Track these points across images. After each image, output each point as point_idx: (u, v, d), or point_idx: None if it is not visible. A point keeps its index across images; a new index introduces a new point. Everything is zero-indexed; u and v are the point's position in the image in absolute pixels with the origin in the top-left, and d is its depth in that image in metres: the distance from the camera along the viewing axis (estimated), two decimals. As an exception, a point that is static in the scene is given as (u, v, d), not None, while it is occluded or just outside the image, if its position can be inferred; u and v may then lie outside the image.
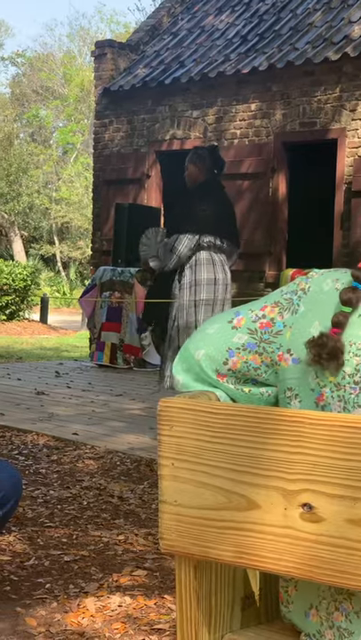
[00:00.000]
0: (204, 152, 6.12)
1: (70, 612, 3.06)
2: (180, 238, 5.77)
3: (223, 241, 5.89)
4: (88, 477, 5.00)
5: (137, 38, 12.84)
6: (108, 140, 12.36)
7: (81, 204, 31.42)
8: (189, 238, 5.76)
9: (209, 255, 5.82)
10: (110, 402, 7.64)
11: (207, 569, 1.71)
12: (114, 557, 3.67)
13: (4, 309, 18.00)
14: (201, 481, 1.60)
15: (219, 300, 5.86)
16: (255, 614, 1.84)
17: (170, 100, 11.52)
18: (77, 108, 34.64)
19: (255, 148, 10.55)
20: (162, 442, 1.64)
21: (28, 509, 4.31)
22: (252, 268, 10.54)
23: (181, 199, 6.09)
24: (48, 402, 7.52)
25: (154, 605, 3.13)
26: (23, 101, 37.33)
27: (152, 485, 4.81)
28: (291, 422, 1.51)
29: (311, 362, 1.60)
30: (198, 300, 5.82)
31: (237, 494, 1.56)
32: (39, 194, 32.70)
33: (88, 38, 37.10)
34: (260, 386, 1.73)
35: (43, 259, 33.78)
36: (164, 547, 1.67)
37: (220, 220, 5.89)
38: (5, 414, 6.78)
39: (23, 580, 3.37)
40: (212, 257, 5.84)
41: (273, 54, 10.56)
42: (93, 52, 12.82)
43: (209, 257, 5.82)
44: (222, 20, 12.10)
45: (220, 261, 5.89)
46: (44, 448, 5.75)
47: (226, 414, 1.57)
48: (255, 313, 1.73)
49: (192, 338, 1.78)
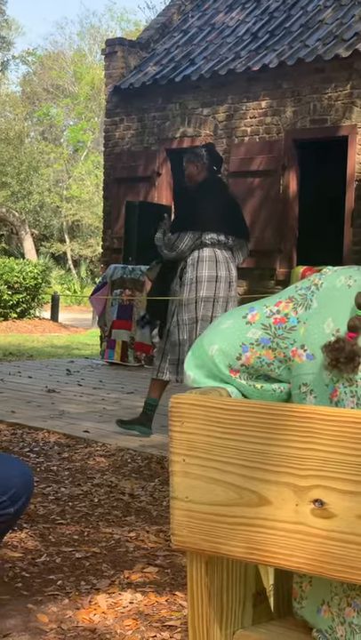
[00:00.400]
0: (201, 151, 6.11)
1: (82, 608, 3.07)
2: (180, 236, 5.80)
3: (228, 237, 5.89)
4: (99, 475, 5.01)
5: (147, 36, 12.84)
6: (118, 137, 12.36)
7: (91, 202, 31.45)
8: (190, 237, 5.78)
9: (212, 252, 5.84)
10: (121, 399, 7.65)
11: (219, 565, 1.71)
12: (125, 554, 3.68)
13: (15, 307, 18.03)
14: (212, 477, 1.60)
15: (220, 297, 5.86)
16: (267, 611, 1.84)
17: (180, 97, 11.52)
18: (88, 106, 34.67)
19: (266, 146, 10.54)
20: (173, 438, 1.64)
21: (40, 506, 4.32)
22: (263, 266, 10.53)
23: (183, 199, 6.09)
24: (59, 399, 7.53)
25: (165, 602, 3.14)
26: (34, 100, 37.40)
27: (163, 483, 4.81)
28: (301, 418, 1.50)
29: (329, 366, 1.60)
30: (199, 297, 5.83)
31: (248, 490, 1.56)
32: (50, 192, 32.75)
33: (98, 36, 37.14)
34: (272, 382, 1.73)
35: (53, 257, 33.83)
36: (176, 543, 1.67)
37: (224, 216, 5.89)
38: (17, 412, 6.80)
39: (35, 577, 3.38)
40: (216, 254, 5.85)
41: (283, 51, 10.55)
42: (104, 50, 12.83)
43: (212, 254, 5.83)
44: (233, 18, 12.09)
45: (225, 258, 5.89)
46: (56, 445, 5.76)
47: (237, 410, 1.57)
48: (269, 308, 1.73)
49: (205, 333, 1.78)
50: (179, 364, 5.86)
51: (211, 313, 5.84)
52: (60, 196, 33.10)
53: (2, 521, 2.80)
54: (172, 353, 5.91)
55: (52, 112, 35.86)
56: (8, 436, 6.02)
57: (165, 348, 5.95)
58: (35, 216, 32.91)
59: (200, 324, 5.81)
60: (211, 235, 5.82)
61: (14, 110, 35.72)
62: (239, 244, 6.02)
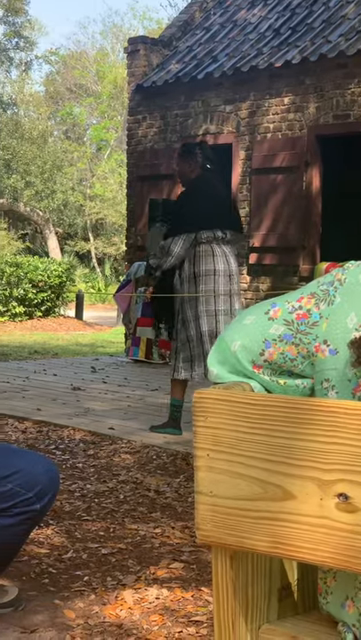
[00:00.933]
0: (193, 148, 6.12)
1: (108, 604, 3.08)
2: (174, 240, 5.84)
3: (225, 232, 5.93)
4: (124, 471, 5.03)
5: (169, 34, 12.84)
6: (141, 136, 12.38)
7: (115, 200, 31.51)
8: (184, 239, 5.82)
9: (208, 247, 5.87)
10: (146, 397, 7.66)
11: (243, 559, 1.72)
12: (151, 550, 3.69)
13: (40, 306, 18.10)
14: (236, 471, 1.61)
15: (221, 290, 5.89)
16: (292, 605, 1.85)
17: (203, 95, 11.52)
18: (111, 105, 34.73)
19: (289, 142, 10.52)
20: (197, 433, 1.65)
21: (66, 503, 4.34)
22: (286, 262, 10.52)
23: (176, 202, 6.11)
24: (84, 397, 7.56)
25: (191, 597, 3.15)
26: (57, 99, 37.51)
27: (188, 479, 4.82)
28: (326, 412, 1.51)
29: (356, 364, 1.60)
30: (199, 291, 5.86)
31: (273, 485, 1.57)
32: (73, 191, 32.84)
33: (121, 35, 37.18)
34: (295, 377, 1.73)
35: (77, 255, 33.93)
36: (201, 537, 1.68)
37: (219, 212, 5.91)
38: (42, 409, 6.83)
39: (61, 573, 3.40)
40: (213, 249, 5.87)
41: (306, 47, 10.52)
42: (126, 49, 12.85)
43: (208, 249, 5.86)
44: (255, 14, 12.07)
45: (223, 252, 5.92)
46: (81, 443, 5.78)
47: (261, 405, 1.58)
48: (292, 304, 1.73)
49: (228, 329, 1.79)
50: (192, 360, 5.88)
51: (213, 307, 5.88)
52: (83, 194, 33.19)
53: (28, 517, 2.82)
54: (183, 351, 5.94)
55: (75, 111, 35.95)
56: (34, 433, 6.05)
57: (177, 346, 5.98)
58: (59, 215, 33.01)
59: (205, 318, 5.83)
60: (207, 233, 5.86)
61: (38, 110, 35.85)
62: (237, 239, 6.08)
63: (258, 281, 10.81)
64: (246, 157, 10.94)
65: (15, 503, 2.77)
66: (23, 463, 2.83)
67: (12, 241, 31.44)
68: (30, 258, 19.41)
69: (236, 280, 6.02)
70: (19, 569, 3.39)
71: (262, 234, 10.65)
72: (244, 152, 10.97)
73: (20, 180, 30.42)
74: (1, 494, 2.77)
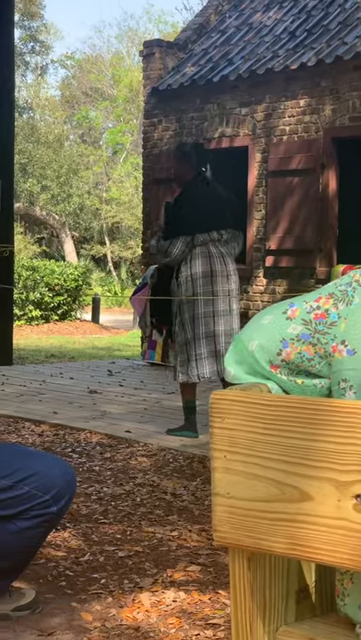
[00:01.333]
0: (188, 148, 6.14)
1: (125, 606, 3.08)
2: (173, 243, 5.89)
3: (222, 233, 5.96)
4: (141, 474, 5.02)
5: (185, 37, 12.85)
6: (157, 138, 12.39)
7: (131, 203, 31.54)
8: (182, 241, 5.86)
9: (205, 249, 5.91)
10: (162, 400, 7.66)
11: (261, 561, 1.71)
12: (168, 553, 3.68)
13: (57, 309, 18.14)
14: (253, 473, 1.60)
15: (219, 291, 5.92)
16: (310, 607, 1.84)
17: (218, 97, 11.51)
18: (126, 109, 34.78)
19: (305, 144, 10.50)
20: (214, 434, 1.64)
21: (83, 506, 4.35)
22: (303, 265, 10.49)
23: (173, 204, 6.15)
24: (101, 400, 7.57)
25: (208, 600, 3.14)
26: (73, 103, 37.59)
27: (205, 482, 4.81)
28: (343, 413, 1.50)
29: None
30: (196, 293, 5.88)
31: (290, 486, 1.56)
32: (89, 194, 32.90)
33: (136, 39, 37.23)
34: (313, 377, 1.73)
35: (94, 259, 33.98)
36: (218, 539, 1.68)
37: (214, 214, 5.93)
38: (59, 412, 6.84)
39: (78, 576, 3.40)
40: (209, 250, 5.92)
41: (322, 49, 10.50)
42: (142, 52, 12.86)
43: (204, 250, 5.91)
44: (270, 17, 12.06)
45: (219, 253, 5.95)
46: (98, 446, 5.79)
47: (278, 406, 1.57)
48: (310, 304, 1.73)
49: (245, 329, 1.78)
50: (188, 363, 5.90)
51: (212, 308, 5.91)
52: (99, 198, 33.24)
53: (45, 520, 2.83)
54: (180, 353, 5.96)
55: (90, 115, 36.01)
56: (51, 436, 6.06)
57: (176, 349, 6.00)
58: (75, 219, 33.08)
59: (203, 320, 5.85)
60: (202, 236, 5.90)
61: (54, 114, 35.94)
62: (233, 235, 6.07)
63: (274, 283, 10.79)
64: (262, 160, 10.93)
65: (32, 506, 2.78)
66: (40, 466, 2.83)
67: (29, 245, 31.53)
68: (47, 262, 19.47)
69: (234, 280, 6.04)
70: (36, 572, 3.39)
71: (279, 236, 10.63)
72: (260, 155, 10.96)
73: (36, 184, 30.51)
74: (18, 497, 2.77)
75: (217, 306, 5.90)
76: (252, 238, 11.00)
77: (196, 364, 5.90)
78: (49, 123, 34.92)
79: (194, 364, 5.90)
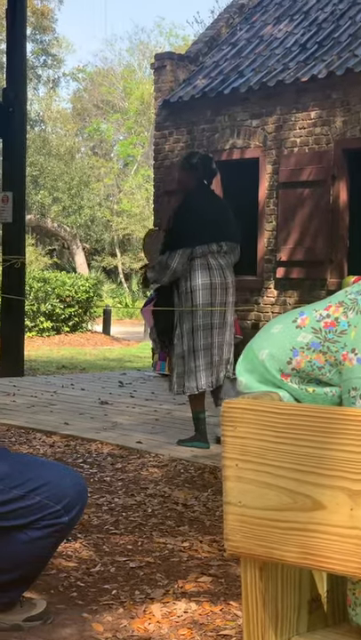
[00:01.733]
0: (196, 160, 6.13)
1: (136, 617, 3.07)
2: (171, 255, 5.88)
3: (221, 244, 5.97)
4: (152, 485, 5.02)
5: (196, 50, 12.89)
6: (168, 150, 12.42)
7: (142, 215, 31.59)
8: (180, 254, 5.86)
9: (204, 261, 5.92)
10: (173, 411, 7.66)
11: (273, 571, 1.71)
12: (179, 564, 3.68)
13: (68, 321, 18.17)
14: (265, 481, 1.60)
15: (218, 303, 5.95)
16: (322, 617, 1.83)
17: (229, 109, 11.54)
18: (137, 121, 34.88)
19: (315, 156, 10.51)
20: (226, 443, 1.64)
21: (94, 517, 4.34)
22: (314, 276, 10.48)
23: (172, 217, 6.15)
24: (112, 411, 7.57)
25: (220, 611, 3.13)
26: (84, 116, 37.73)
27: (216, 493, 4.80)
28: (355, 421, 1.50)
29: None
30: (195, 305, 5.90)
31: (302, 495, 1.56)
32: (100, 206, 32.98)
33: (147, 52, 37.34)
34: (323, 385, 1.72)
35: (105, 271, 34.03)
36: (229, 548, 1.67)
37: (214, 225, 5.94)
38: (70, 423, 6.84)
39: (89, 587, 3.39)
40: (209, 262, 5.93)
41: (332, 62, 10.52)
42: (153, 65, 12.90)
43: (204, 262, 5.92)
44: (281, 30, 12.10)
45: (219, 265, 5.97)
46: (109, 456, 5.79)
47: (290, 414, 1.57)
48: (319, 312, 1.73)
49: (256, 338, 1.79)
50: (187, 375, 5.90)
51: (210, 320, 5.92)
52: (110, 210, 33.32)
53: (56, 530, 2.82)
54: (178, 365, 5.96)
55: (102, 127, 36.13)
56: (62, 447, 6.06)
57: (173, 361, 6.01)
58: (86, 230, 33.16)
59: (201, 332, 5.86)
60: (202, 248, 5.90)
61: (65, 126, 36.09)
62: (231, 247, 6.07)
63: (285, 295, 10.79)
64: (273, 172, 10.94)
65: (43, 516, 2.78)
66: (51, 476, 2.84)
67: (40, 257, 31.61)
68: (58, 273, 19.51)
69: (232, 292, 6.07)
70: (47, 582, 3.39)
71: (289, 248, 10.63)
72: (271, 166, 10.97)
73: (47, 196, 30.61)
74: (29, 507, 2.77)
75: (214, 319, 5.93)
76: (262, 250, 11.01)
77: (196, 375, 5.91)
78: (60, 135, 35.06)
79: (193, 376, 5.91)
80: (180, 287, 5.97)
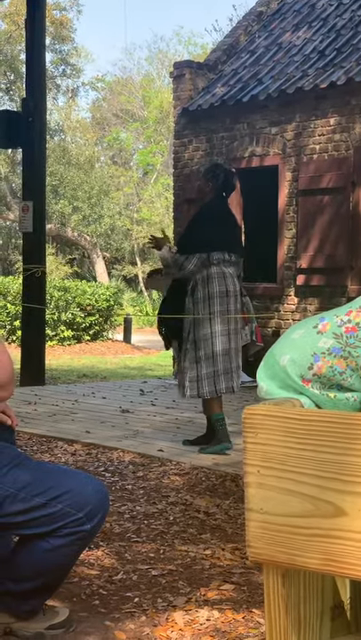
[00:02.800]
0: (220, 173, 6.27)
1: (159, 625, 3.07)
2: (189, 258, 6.08)
3: (231, 255, 6.19)
4: (174, 493, 5.01)
5: (215, 58, 12.91)
6: (187, 159, 12.44)
7: (162, 224, 31.62)
8: (198, 257, 6.07)
9: (220, 269, 6.13)
10: (195, 419, 7.65)
11: (295, 578, 1.70)
12: (201, 572, 3.67)
13: (88, 330, 18.20)
14: (287, 488, 1.59)
15: (232, 310, 6.15)
16: (345, 624, 1.82)
17: (248, 117, 11.55)
18: (157, 130, 34.95)
19: (335, 163, 10.49)
20: (247, 449, 1.64)
21: (116, 525, 4.34)
22: (334, 283, 10.46)
23: (191, 222, 6.41)
24: (133, 419, 7.57)
25: (242, 619, 3.12)
26: (104, 125, 37.85)
27: (238, 500, 4.80)
28: (377, 427, 1.49)
29: None
30: (213, 312, 6.08)
31: (324, 501, 1.56)
32: (120, 215, 33.06)
33: (166, 61, 37.42)
34: (345, 391, 1.72)
35: (125, 279, 34.10)
36: (252, 555, 1.67)
37: (227, 236, 6.19)
38: (91, 432, 6.85)
39: (112, 595, 3.39)
40: (223, 271, 6.14)
41: (351, 68, 10.51)
42: (172, 73, 12.93)
43: (220, 271, 6.12)
44: (299, 37, 12.10)
45: (230, 274, 6.19)
46: (130, 465, 5.79)
47: (312, 420, 1.57)
48: (340, 318, 1.73)
49: (277, 344, 1.79)
50: (199, 380, 6.05)
51: (227, 326, 6.14)
52: (130, 219, 33.38)
53: (78, 538, 2.82)
54: (191, 370, 6.08)
55: (121, 136, 36.24)
56: (83, 455, 6.07)
57: (184, 366, 6.10)
58: (106, 239, 33.24)
59: (220, 338, 6.07)
60: (218, 255, 6.11)
61: (84, 136, 36.21)
62: (237, 260, 6.30)
63: (305, 302, 10.77)
64: (293, 179, 10.93)
65: (65, 523, 2.78)
66: (73, 483, 2.84)
67: (60, 265, 31.70)
68: (78, 282, 19.56)
69: (239, 300, 6.31)
70: (69, 590, 3.39)
71: (310, 255, 10.61)
72: (291, 173, 10.96)
73: (67, 205, 30.71)
74: (51, 515, 2.77)
75: (231, 325, 6.16)
76: (283, 257, 10.99)
77: (215, 379, 6.04)
78: (80, 145, 35.19)
79: (212, 380, 6.05)
80: (196, 294, 6.08)
